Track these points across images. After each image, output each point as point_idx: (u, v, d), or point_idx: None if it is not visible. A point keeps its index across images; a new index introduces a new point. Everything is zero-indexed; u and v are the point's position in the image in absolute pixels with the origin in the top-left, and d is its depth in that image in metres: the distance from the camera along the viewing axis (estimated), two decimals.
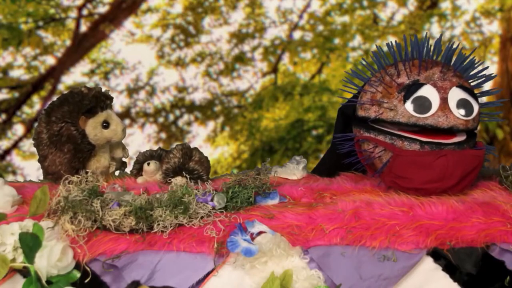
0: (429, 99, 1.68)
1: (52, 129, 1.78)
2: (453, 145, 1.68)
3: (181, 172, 1.80)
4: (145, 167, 1.88)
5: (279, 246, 1.49)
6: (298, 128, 7.07)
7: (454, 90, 1.70)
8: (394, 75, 1.73)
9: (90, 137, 1.81)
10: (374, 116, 1.74)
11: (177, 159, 1.82)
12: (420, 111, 1.67)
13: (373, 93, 1.76)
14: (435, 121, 1.67)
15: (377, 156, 1.73)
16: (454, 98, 1.69)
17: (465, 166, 1.67)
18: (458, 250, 1.52)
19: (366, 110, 1.77)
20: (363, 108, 1.78)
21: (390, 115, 1.71)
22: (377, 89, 1.75)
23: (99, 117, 1.82)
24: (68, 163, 1.79)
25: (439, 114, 1.67)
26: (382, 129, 1.72)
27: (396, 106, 1.70)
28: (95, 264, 1.51)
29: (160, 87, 7.67)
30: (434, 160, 1.64)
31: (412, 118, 1.68)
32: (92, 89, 1.82)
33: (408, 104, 1.68)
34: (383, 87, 1.74)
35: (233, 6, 7.73)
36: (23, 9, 7.18)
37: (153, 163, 1.88)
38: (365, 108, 1.77)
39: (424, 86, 1.69)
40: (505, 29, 6.92)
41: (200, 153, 1.86)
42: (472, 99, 1.72)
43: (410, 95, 1.69)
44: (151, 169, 1.88)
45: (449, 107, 1.68)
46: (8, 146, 7.14)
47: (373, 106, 1.74)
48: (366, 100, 1.77)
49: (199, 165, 1.82)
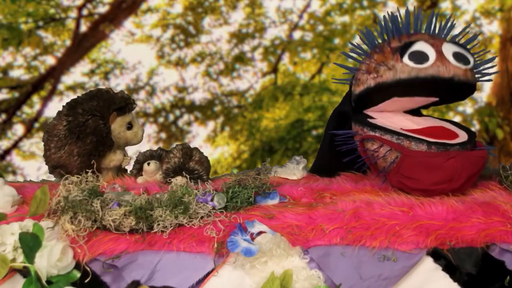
0: (425, 52, 1.68)
1: (77, 120, 1.82)
2: (458, 146, 1.68)
3: (181, 172, 1.80)
4: (145, 167, 1.89)
5: (279, 246, 1.49)
6: (298, 128, 7.06)
7: (446, 45, 1.71)
8: (385, 44, 1.74)
9: (114, 134, 1.88)
10: (374, 83, 1.72)
11: (177, 159, 1.82)
12: (419, 62, 1.67)
13: (368, 64, 1.74)
14: (436, 71, 1.66)
15: (381, 156, 1.72)
16: (449, 51, 1.69)
17: (471, 167, 1.67)
18: (458, 250, 1.52)
19: (364, 82, 1.75)
20: (360, 83, 1.76)
21: (390, 75, 1.69)
22: (371, 59, 1.74)
23: (126, 117, 1.90)
24: (87, 155, 1.82)
25: (438, 64, 1.67)
26: (388, 128, 1.71)
27: (394, 65, 1.69)
28: (95, 264, 1.51)
29: (160, 87, 7.68)
30: (444, 161, 1.64)
31: (413, 71, 1.67)
32: (119, 91, 1.91)
33: (405, 59, 1.68)
34: (377, 54, 1.73)
35: (233, 6, 7.73)
36: (23, 9, 7.18)
37: (153, 163, 1.88)
38: (362, 81, 1.75)
39: (417, 42, 1.70)
40: (505, 29, 6.92)
41: (200, 153, 1.86)
42: (465, 52, 1.72)
43: (405, 50, 1.68)
44: (151, 169, 1.88)
45: (446, 58, 1.68)
46: (8, 146, 7.14)
47: (370, 75, 1.73)
48: (363, 71, 1.75)
49: (199, 165, 1.83)
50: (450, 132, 1.74)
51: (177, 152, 1.84)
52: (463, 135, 1.73)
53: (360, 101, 1.78)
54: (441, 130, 1.75)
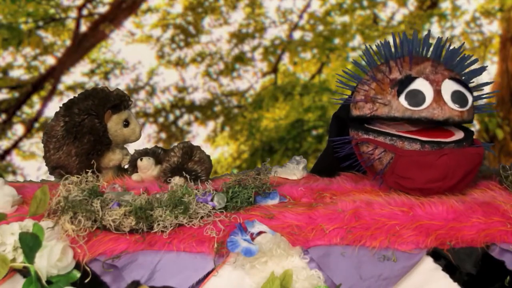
0: (423, 92, 1.67)
1: (73, 120, 1.82)
2: (453, 144, 1.68)
3: (179, 172, 1.80)
4: (138, 163, 1.89)
5: (279, 246, 1.49)
6: (298, 128, 7.06)
7: (447, 82, 1.70)
8: (386, 72, 1.73)
9: (110, 132, 1.87)
10: (369, 113, 1.73)
11: (176, 158, 1.82)
12: (415, 104, 1.67)
13: (366, 91, 1.75)
14: (430, 114, 1.66)
15: (377, 158, 1.72)
16: (448, 90, 1.69)
17: (467, 164, 1.67)
18: (458, 250, 1.52)
19: (360, 108, 1.76)
20: (357, 107, 1.78)
21: (385, 111, 1.70)
22: (370, 86, 1.74)
23: (122, 114, 1.89)
24: (85, 154, 1.82)
25: (434, 106, 1.66)
26: (381, 131, 1.72)
27: (390, 101, 1.70)
28: (95, 264, 1.51)
29: (160, 87, 7.68)
30: (436, 159, 1.64)
31: (407, 112, 1.68)
32: (114, 89, 1.90)
33: (402, 98, 1.68)
34: (376, 84, 1.73)
35: (233, 6, 7.73)
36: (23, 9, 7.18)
37: (146, 159, 1.88)
38: (359, 107, 1.77)
39: (416, 79, 1.69)
40: (505, 29, 6.92)
41: (201, 153, 1.86)
42: (465, 91, 1.71)
43: (403, 89, 1.68)
44: (144, 165, 1.88)
45: (443, 99, 1.67)
46: (8, 146, 7.14)
47: (367, 104, 1.74)
48: (360, 98, 1.76)
49: (198, 165, 1.82)
50: (446, 131, 1.74)
51: (178, 151, 1.84)
52: (459, 134, 1.73)
53: (356, 121, 1.80)
54: (437, 130, 1.75)
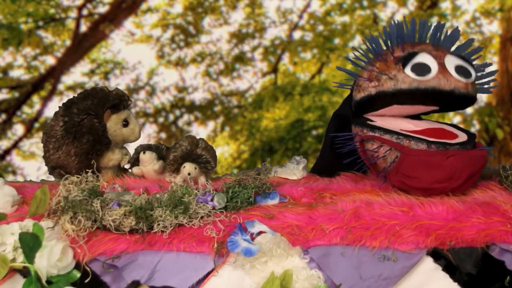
0: (427, 64, 1.69)
1: (73, 120, 1.82)
2: (458, 145, 1.68)
3: (189, 159, 1.81)
4: (141, 156, 1.89)
5: (279, 246, 1.49)
6: (298, 128, 7.06)
7: (449, 57, 1.72)
8: (389, 53, 1.75)
9: (110, 132, 1.87)
10: (375, 91, 1.73)
11: (184, 146, 1.83)
12: (421, 73, 1.68)
13: (370, 71, 1.75)
14: (437, 83, 1.67)
15: (381, 156, 1.72)
16: (451, 64, 1.70)
17: (472, 166, 1.67)
18: (458, 250, 1.52)
19: (365, 89, 1.75)
20: (361, 89, 1.77)
21: (391, 85, 1.70)
22: (373, 67, 1.74)
23: (121, 114, 1.88)
24: (85, 154, 1.82)
25: (439, 77, 1.68)
26: (387, 129, 1.72)
27: (395, 75, 1.70)
28: (95, 264, 1.51)
29: (160, 87, 7.68)
30: (443, 160, 1.64)
31: (414, 83, 1.68)
32: (114, 89, 1.89)
33: (407, 70, 1.69)
34: (379, 62, 1.74)
35: (233, 6, 7.73)
36: (23, 9, 7.18)
37: (149, 152, 1.89)
38: (363, 88, 1.76)
39: (420, 53, 1.70)
40: (505, 29, 6.92)
41: (206, 142, 1.88)
42: (467, 65, 1.73)
43: (408, 61, 1.69)
44: (146, 158, 1.88)
45: (448, 71, 1.68)
46: (8, 146, 7.15)
47: (371, 82, 1.74)
48: (365, 78, 1.76)
49: (206, 152, 1.84)
50: (450, 133, 1.75)
51: (184, 141, 1.85)
52: (462, 136, 1.74)
53: (360, 106, 1.79)
54: (441, 131, 1.76)
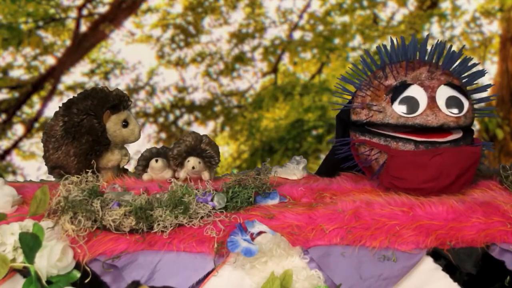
0: (417, 98, 1.69)
1: (72, 120, 1.82)
2: (449, 143, 1.68)
3: (193, 153, 1.82)
4: (153, 164, 1.88)
5: (279, 246, 1.49)
6: (298, 128, 7.06)
7: (442, 88, 1.71)
8: (382, 78, 1.75)
9: (109, 132, 1.87)
10: (365, 119, 1.75)
11: (188, 142, 1.84)
12: (408, 111, 1.68)
13: (363, 97, 1.78)
14: (424, 120, 1.67)
15: (373, 159, 1.74)
16: (442, 96, 1.69)
17: (462, 163, 1.67)
18: (458, 250, 1.52)
19: (357, 114, 1.79)
20: (355, 113, 1.80)
21: (379, 117, 1.72)
22: (366, 93, 1.76)
23: (121, 115, 1.88)
24: (84, 154, 1.82)
25: (427, 113, 1.67)
26: (376, 132, 1.73)
27: (384, 108, 1.71)
28: (95, 264, 1.51)
29: (160, 87, 7.68)
30: (429, 159, 1.64)
31: (400, 119, 1.69)
32: (114, 89, 1.89)
33: (396, 105, 1.70)
34: (371, 90, 1.75)
35: (233, 6, 7.73)
36: (23, 9, 7.18)
37: (161, 160, 1.88)
38: (356, 112, 1.79)
39: (411, 86, 1.70)
40: (505, 29, 6.92)
41: (210, 138, 1.89)
42: (461, 96, 1.72)
43: (397, 96, 1.70)
44: (159, 166, 1.87)
45: (437, 105, 1.68)
46: (8, 146, 7.14)
47: (363, 110, 1.76)
48: (356, 104, 1.78)
49: (209, 147, 1.85)
50: (443, 132, 1.74)
51: (188, 136, 1.86)
52: (457, 134, 1.73)
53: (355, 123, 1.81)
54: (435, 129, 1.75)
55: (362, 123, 1.77)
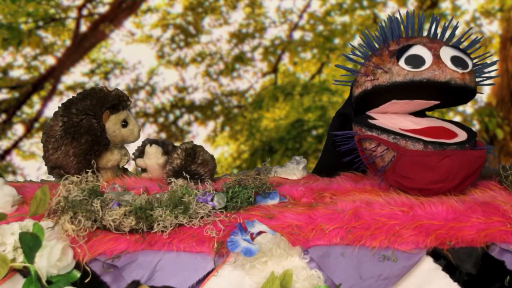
0: (422, 55, 1.69)
1: (71, 120, 1.82)
2: (456, 145, 1.68)
3: (182, 174, 1.79)
4: (147, 148, 1.89)
5: (279, 246, 1.49)
6: (298, 128, 7.06)
7: (445, 49, 1.72)
8: (385, 46, 1.76)
9: (109, 132, 1.87)
10: (371, 85, 1.73)
11: (179, 160, 1.82)
12: (415, 65, 1.68)
13: (366, 66, 1.77)
14: (431, 75, 1.67)
15: (379, 155, 1.72)
16: (447, 55, 1.70)
17: (469, 167, 1.67)
18: (458, 250, 1.52)
19: (362, 84, 1.77)
20: (358, 85, 1.78)
21: (386, 78, 1.71)
22: (369, 62, 1.75)
23: (120, 114, 1.88)
24: (83, 154, 1.82)
25: (434, 68, 1.68)
26: (385, 128, 1.72)
27: (390, 68, 1.71)
28: (95, 264, 1.51)
29: (160, 87, 7.67)
30: (439, 160, 1.64)
31: (408, 75, 1.69)
32: (113, 89, 1.89)
33: (401, 62, 1.70)
34: (375, 57, 1.75)
35: (233, 6, 7.73)
36: (23, 9, 7.17)
37: (155, 146, 1.89)
38: (360, 83, 1.77)
39: (414, 46, 1.71)
40: (505, 29, 6.92)
41: (205, 153, 1.85)
42: (464, 55, 1.73)
43: (402, 54, 1.70)
44: (152, 151, 1.88)
45: (443, 62, 1.69)
46: (8, 146, 7.14)
47: (368, 77, 1.75)
48: (361, 73, 1.77)
49: (201, 168, 1.82)
50: (450, 132, 1.74)
51: (181, 153, 1.83)
52: (462, 135, 1.73)
53: (359, 103, 1.79)
54: (441, 130, 1.76)
55: (367, 93, 1.75)
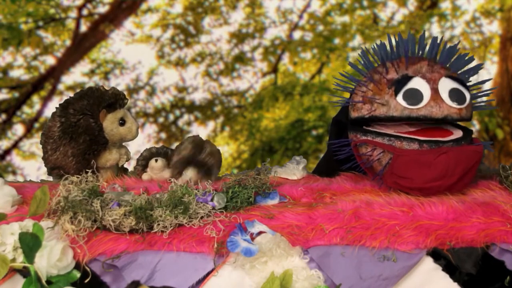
0: (420, 90, 1.68)
1: (69, 121, 1.82)
2: (451, 142, 1.68)
3: (191, 164, 1.80)
4: (152, 164, 1.88)
5: (279, 246, 1.49)
6: (298, 128, 7.06)
7: (444, 81, 1.71)
8: (383, 72, 1.74)
9: (106, 131, 1.86)
10: (367, 114, 1.73)
11: (188, 151, 1.82)
12: (412, 102, 1.68)
13: (364, 92, 1.76)
14: (428, 112, 1.67)
15: (376, 159, 1.73)
16: (445, 88, 1.69)
17: (466, 162, 1.67)
18: (458, 250, 1.52)
19: (358, 110, 1.77)
20: (355, 109, 1.78)
21: (383, 111, 1.71)
22: (367, 87, 1.75)
23: (117, 113, 1.88)
24: (82, 154, 1.82)
25: (431, 104, 1.67)
26: (379, 132, 1.72)
27: (388, 101, 1.70)
28: (95, 264, 1.51)
29: (160, 87, 7.67)
30: (435, 158, 1.64)
31: (405, 111, 1.68)
32: (110, 88, 1.89)
33: (399, 98, 1.69)
34: (373, 84, 1.74)
35: (233, 6, 7.73)
36: (23, 9, 7.17)
37: (161, 160, 1.87)
38: (357, 108, 1.77)
39: (413, 78, 1.70)
40: (505, 29, 6.92)
41: (212, 146, 1.86)
42: (463, 88, 1.72)
43: (400, 88, 1.69)
44: (159, 166, 1.87)
45: (441, 97, 1.68)
46: (8, 146, 7.14)
47: (365, 105, 1.74)
48: (358, 100, 1.77)
49: (210, 158, 1.83)
50: (444, 131, 1.74)
51: (188, 144, 1.84)
52: (458, 133, 1.74)
53: (355, 123, 1.80)
54: (436, 129, 1.75)
55: (364, 119, 1.75)
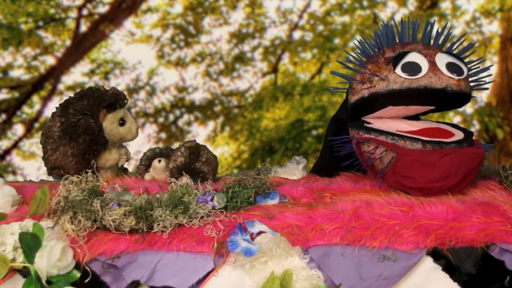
0: (418, 63, 1.70)
1: (69, 121, 1.82)
2: (454, 144, 1.68)
3: (186, 173, 1.79)
4: (156, 164, 1.88)
5: (279, 246, 1.49)
6: (298, 128, 7.06)
7: (440, 55, 1.73)
8: (380, 53, 1.76)
9: (106, 131, 1.86)
10: (367, 93, 1.74)
11: (183, 158, 1.82)
12: (411, 73, 1.69)
13: (362, 73, 1.77)
14: (428, 82, 1.68)
15: (378, 157, 1.72)
16: (442, 61, 1.71)
17: (468, 164, 1.67)
18: (458, 250, 1.52)
19: (358, 92, 1.77)
20: (355, 92, 1.78)
21: (383, 86, 1.72)
22: (365, 69, 1.76)
23: (117, 113, 1.88)
24: (81, 154, 1.82)
25: (430, 75, 1.68)
26: (382, 130, 1.72)
27: (387, 76, 1.71)
28: (95, 264, 1.51)
29: (160, 87, 7.67)
30: (439, 158, 1.64)
31: (405, 83, 1.69)
32: (110, 88, 1.89)
33: (398, 70, 1.70)
34: (371, 64, 1.75)
35: (233, 6, 7.73)
36: (23, 9, 7.17)
37: (164, 160, 1.88)
38: (357, 90, 1.77)
39: (410, 53, 1.72)
40: (505, 29, 6.92)
41: (208, 152, 1.86)
42: (459, 62, 1.74)
43: (398, 61, 1.71)
44: (162, 166, 1.87)
45: (439, 69, 1.69)
46: (8, 146, 7.14)
47: (364, 84, 1.75)
48: (358, 80, 1.78)
49: (205, 166, 1.82)
50: (446, 132, 1.75)
51: (184, 151, 1.83)
52: (459, 134, 1.74)
53: (356, 109, 1.80)
54: (437, 130, 1.76)
55: (364, 100, 1.75)
